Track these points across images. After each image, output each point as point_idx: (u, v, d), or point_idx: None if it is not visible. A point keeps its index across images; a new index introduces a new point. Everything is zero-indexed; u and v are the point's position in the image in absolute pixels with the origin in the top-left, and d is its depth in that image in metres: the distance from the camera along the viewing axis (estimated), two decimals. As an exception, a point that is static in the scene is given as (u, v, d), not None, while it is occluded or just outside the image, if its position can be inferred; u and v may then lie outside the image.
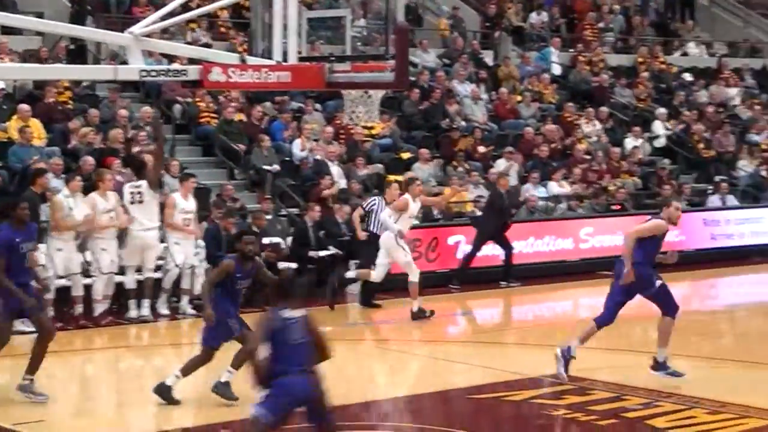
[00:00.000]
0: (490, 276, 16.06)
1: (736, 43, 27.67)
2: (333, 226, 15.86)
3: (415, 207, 13.75)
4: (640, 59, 24.50)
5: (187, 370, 9.51)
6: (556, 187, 18.75)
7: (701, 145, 21.64)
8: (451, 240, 16.51)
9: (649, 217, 10.41)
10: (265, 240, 14.86)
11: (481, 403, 9.94)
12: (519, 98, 21.42)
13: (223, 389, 9.40)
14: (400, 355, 12.26)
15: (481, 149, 19.34)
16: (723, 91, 24.26)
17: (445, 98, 20.26)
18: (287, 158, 17.55)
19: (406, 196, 13.74)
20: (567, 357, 10.12)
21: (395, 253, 13.64)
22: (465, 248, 16.29)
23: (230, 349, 9.42)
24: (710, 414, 9.08)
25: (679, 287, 16.95)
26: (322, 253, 15.32)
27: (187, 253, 13.74)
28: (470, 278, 15.74)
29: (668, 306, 10.09)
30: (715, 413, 9.09)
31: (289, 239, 15.52)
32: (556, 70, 23.36)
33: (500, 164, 18.76)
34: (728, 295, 17.09)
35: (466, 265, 15.87)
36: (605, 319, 10.17)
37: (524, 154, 19.44)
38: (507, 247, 16.26)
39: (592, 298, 16.46)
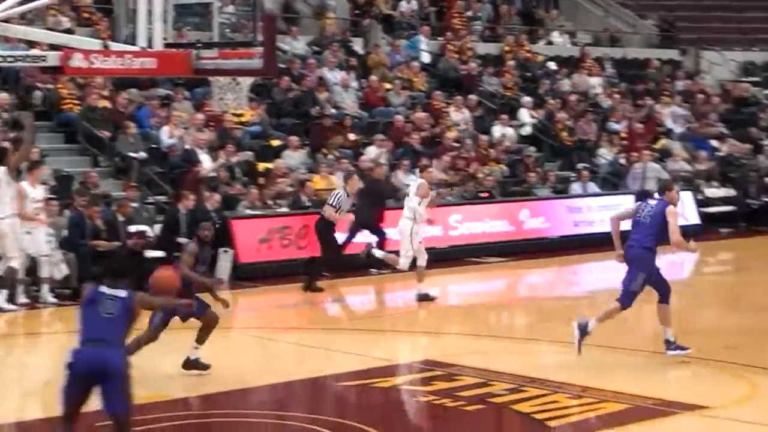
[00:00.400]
0: (362, 263, 16.10)
1: (598, 32, 28.37)
2: (203, 214, 15.66)
3: (432, 192, 14.47)
4: (506, 48, 24.88)
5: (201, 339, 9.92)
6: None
7: (564, 133, 22.12)
8: (322, 227, 16.51)
9: (627, 208, 11.07)
10: (132, 228, 14.62)
11: (350, 390, 9.96)
12: (389, 86, 21.50)
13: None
14: (269, 343, 12.19)
15: (352, 137, 19.35)
16: (585, 80, 24.84)
17: (315, 86, 20.19)
18: (154, 145, 17.24)
19: (422, 180, 14.46)
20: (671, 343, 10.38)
21: (405, 240, 14.13)
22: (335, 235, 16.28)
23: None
24: (572, 398, 9.27)
25: (545, 273, 17.46)
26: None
27: (38, 241, 13.42)
28: (342, 265, 15.76)
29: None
30: (576, 398, 9.29)
31: (157, 227, 15.29)
32: (426, 58, 23.53)
33: (371, 152, 18.81)
34: (590, 281, 17.51)
35: (339, 253, 15.89)
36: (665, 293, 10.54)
37: (394, 141, 19.54)
38: (380, 234, 16.35)
39: (461, 284, 16.72)
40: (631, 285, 10.40)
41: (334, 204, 15.00)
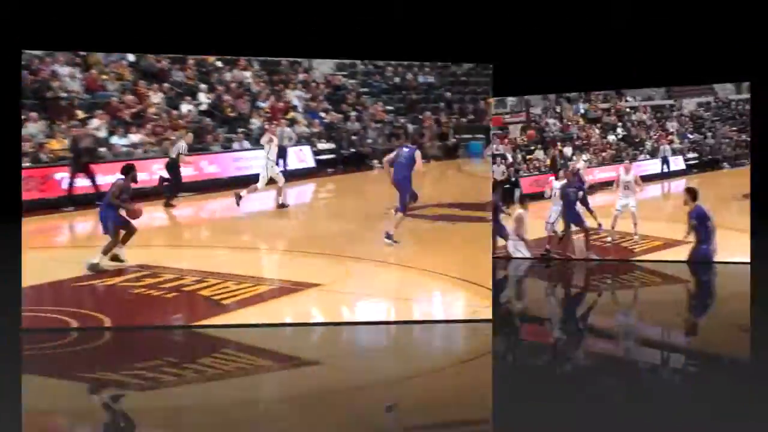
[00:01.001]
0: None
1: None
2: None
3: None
4: (188, 52, 23.73)
5: (107, 249, 9.30)
6: (135, 138, 17.75)
7: (229, 109, 21.59)
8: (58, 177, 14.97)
9: (390, 155, 11.12)
10: None
11: (84, 288, 9.19)
12: (105, 77, 19.80)
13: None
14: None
15: (79, 113, 17.71)
16: (241, 73, 24.31)
17: (49, 77, 18.14)
18: None
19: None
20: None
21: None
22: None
23: None
24: (236, 284, 9.26)
25: (223, 202, 17.02)
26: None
27: None
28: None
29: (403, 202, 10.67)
30: (240, 284, 9.27)
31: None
32: (131, 57, 21.87)
33: (93, 123, 17.32)
34: (255, 206, 17.34)
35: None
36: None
37: (111, 115, 18.14)
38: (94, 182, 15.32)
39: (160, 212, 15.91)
40: (403, 201, 10.69)
41: (182, 152, 14.43)
